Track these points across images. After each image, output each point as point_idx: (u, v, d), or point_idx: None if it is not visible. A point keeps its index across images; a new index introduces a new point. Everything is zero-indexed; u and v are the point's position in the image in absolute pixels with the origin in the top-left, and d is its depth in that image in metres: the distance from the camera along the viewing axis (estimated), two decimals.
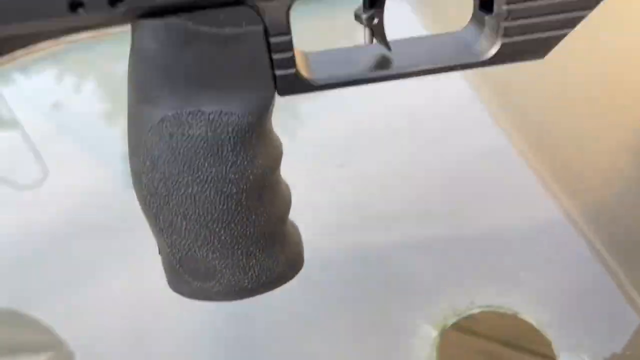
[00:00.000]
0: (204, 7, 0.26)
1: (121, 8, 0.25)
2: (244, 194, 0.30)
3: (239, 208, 0.30)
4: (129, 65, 0.28)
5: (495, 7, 0.29)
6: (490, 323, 0.43)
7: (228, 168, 0.28)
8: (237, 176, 0.29)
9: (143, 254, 0.41)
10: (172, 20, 0.26)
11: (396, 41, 0.31)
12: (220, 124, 0.28)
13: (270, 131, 0.31)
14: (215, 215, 0.29)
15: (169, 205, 0.29)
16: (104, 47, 0.83)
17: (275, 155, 0.31)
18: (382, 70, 0.30)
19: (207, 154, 0.28)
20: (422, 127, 0.62)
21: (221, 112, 0.28)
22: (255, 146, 0.29)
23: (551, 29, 0.29)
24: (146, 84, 0.28)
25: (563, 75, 0.63)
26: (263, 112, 0.29)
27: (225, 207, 0.29)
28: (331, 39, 0.72)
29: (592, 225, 0.48)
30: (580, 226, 0.48)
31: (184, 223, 0.30)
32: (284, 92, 0.29)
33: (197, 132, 0.28)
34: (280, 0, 0.26)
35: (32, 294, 0.49)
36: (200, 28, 0.26)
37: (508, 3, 0.28)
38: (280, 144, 0.32)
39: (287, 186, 0.34)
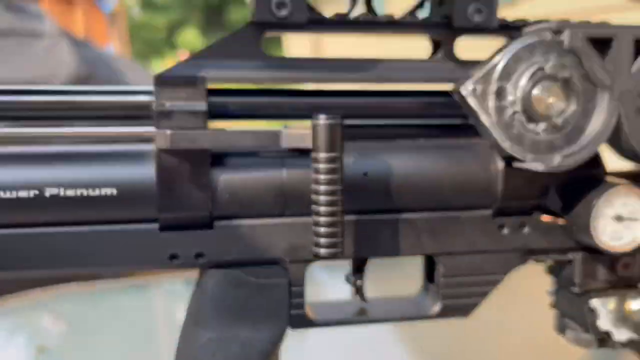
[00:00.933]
0: (253, 264, 0.40)
1: (202, 260, 0.39)
2: None
3: None
4: (192, 296, 0.41)
5: (435, 277, 0.44)
6: None
7: None
8: None
9: None
10: (231, 271, 0.40)
11: (372, 298, 0.45)
12: (250, 346, 0.40)
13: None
14: None
15: None
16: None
17: None
18: (361, 316, 0.44)
19: None
20: None
21: (252, 337, 0.40)
22: None
23: (475, 295, 0.44)
24: (202, 312, 0.40)
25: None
26: (280, 339, 0.41)
27: None
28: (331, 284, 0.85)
29: None
30: None
31: None
32: (295, 327, 0.42)
33: (233, 351, 0.40)
34: (301, 263, 0.41)
35: None
36: (248, 277, 0.40)
37: (444, 275, 0.43)
38: None
39: None
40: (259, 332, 0.40)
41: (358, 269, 0.44)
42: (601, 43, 0.37)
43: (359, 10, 0.42)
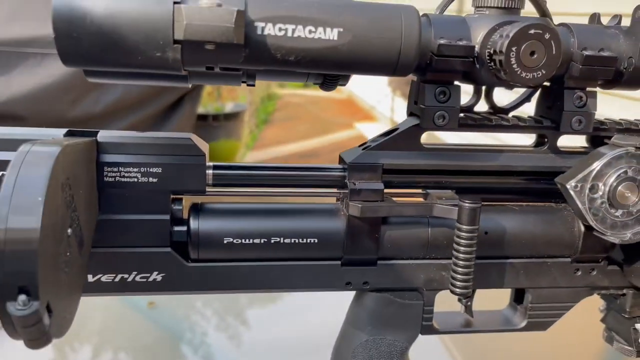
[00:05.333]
0: (401, 290, 0.56)
1: (367, 287, 0.56)
2: None
3: None
4: (351, 309, 0.58)
5: (524, 302, 0.60)
6: None
7: None
8: None
9: None
10: (385, 294, 0.56)
11: (475, 312, 0.61)
12: (393, 346, 0.57)
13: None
14: None
15: None
16: None
17: None
18: (469, 327, 0.60)
19: None
20: None
21: (395, 339, 0.57)
22: (405, 359, 0.58)
23: (553, 317, 0.60)
24: (360, 321, 0.57)
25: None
26: (413, 341, 0.58)
27: None
28: None
29: None
30: None
31: None
32: (424, 333, 0.58)
33: (381, 349, 0.57)
34: (433, 291, 0.57)
35: None
36: (396, 299, 0.57)
37: (532, 302, 0.59)
38: None
39: None
40: (400, 336, 0.57)
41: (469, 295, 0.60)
42: None
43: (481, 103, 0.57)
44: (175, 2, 0.39)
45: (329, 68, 0.44)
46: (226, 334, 1.06)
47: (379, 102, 6.68)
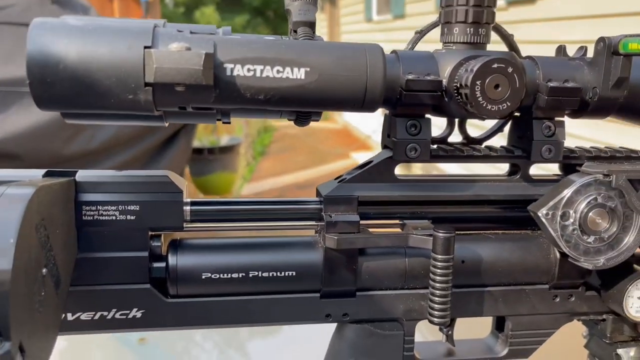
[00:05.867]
0: (380, 321, 0.57)
1: (346, 318, 0.56)
2: None
3: None
4: (333, 341, 0.58)
5: (505, 330, 0.60)
6: None
7: None
8: None
9: None
10: (364, 325, 0.57)
11: (456, 341, 0.61)
12: None
13: None
14: None
15: None
16: None
17: None
18: (451, 357, 0.60)
19: None
20: None
21: None
22: None
23: (534, 344, 0.60)
24: (341, 352, 0.57)
25: None
26: None
27: None
28: None
29: None
30: None
31: None
32: None
33: None
34: (413, 321, 0.57)
35: None
36: (376, 330, 0.57)
37: (512, 330, 0.60)
38: None
39: None
40: None
41: (449, 324, 0.61)
42: (637, 182, 0.53)
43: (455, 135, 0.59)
44: (145, 47, 0.40)
45: (298, 105, 0.46)
46: None
47: (374, 132, 6.74)
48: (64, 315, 0.50)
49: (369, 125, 6.69)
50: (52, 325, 0.44)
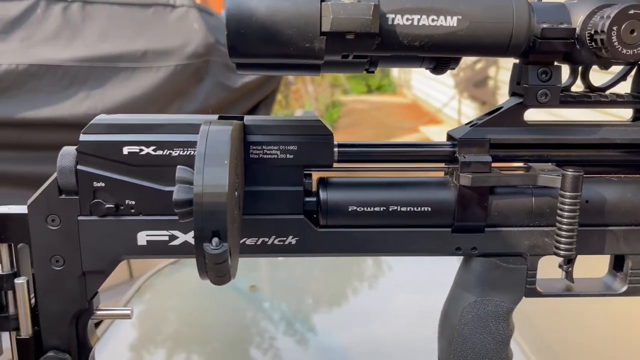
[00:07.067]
0: (506, 255, 0.62)
1: (475, 252, 0.61)
2: (503, 344, 0.63)
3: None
4: (459, 273, 0.64)
5: (624, 268, 0.64)
6: None
7: (503, 328, 0.62)
8: (504, 333, 0.62)
9: None
10: (492, 259, 0.62)
11: (576, 279, 0.66)
12: (500, 306, 0.62)
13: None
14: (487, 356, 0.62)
15: (465, 352, 0.62)
16: None
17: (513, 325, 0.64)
18: (569, 292, 0.65)
19: (492, 321, 0.62)
20: None
21: (501, 300, 0.62)
22: (509, 319, 0.63)
23: None
24: (469, 283, 0.63)
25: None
26: (518, 302, 0.63)
27: (494, 348, 0.62)
28: None
29: None
30: None
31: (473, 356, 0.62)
32: (527, 296, 0.63)
33: (488, 308, 0.62)
34: (536, 256, 0.62)
35: None
36: (502, 263, 0.62)
37: (632, 268, 0.63)
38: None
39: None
40: (505, 298, 0.63)
41: (569, 261, 0.65)
42: None
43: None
44: (322, 1, 0.47)
45: (448, 51, 0.51)
46: (294, 339, 1.12)
47: (444, 105, 6.66)
48: None
49: (440, 99, 6.62)
50: (238, 241, 0.52)
